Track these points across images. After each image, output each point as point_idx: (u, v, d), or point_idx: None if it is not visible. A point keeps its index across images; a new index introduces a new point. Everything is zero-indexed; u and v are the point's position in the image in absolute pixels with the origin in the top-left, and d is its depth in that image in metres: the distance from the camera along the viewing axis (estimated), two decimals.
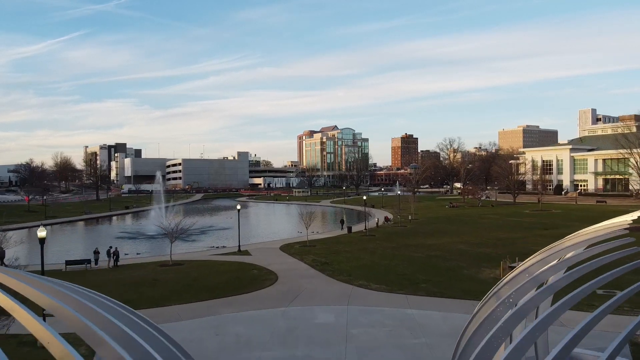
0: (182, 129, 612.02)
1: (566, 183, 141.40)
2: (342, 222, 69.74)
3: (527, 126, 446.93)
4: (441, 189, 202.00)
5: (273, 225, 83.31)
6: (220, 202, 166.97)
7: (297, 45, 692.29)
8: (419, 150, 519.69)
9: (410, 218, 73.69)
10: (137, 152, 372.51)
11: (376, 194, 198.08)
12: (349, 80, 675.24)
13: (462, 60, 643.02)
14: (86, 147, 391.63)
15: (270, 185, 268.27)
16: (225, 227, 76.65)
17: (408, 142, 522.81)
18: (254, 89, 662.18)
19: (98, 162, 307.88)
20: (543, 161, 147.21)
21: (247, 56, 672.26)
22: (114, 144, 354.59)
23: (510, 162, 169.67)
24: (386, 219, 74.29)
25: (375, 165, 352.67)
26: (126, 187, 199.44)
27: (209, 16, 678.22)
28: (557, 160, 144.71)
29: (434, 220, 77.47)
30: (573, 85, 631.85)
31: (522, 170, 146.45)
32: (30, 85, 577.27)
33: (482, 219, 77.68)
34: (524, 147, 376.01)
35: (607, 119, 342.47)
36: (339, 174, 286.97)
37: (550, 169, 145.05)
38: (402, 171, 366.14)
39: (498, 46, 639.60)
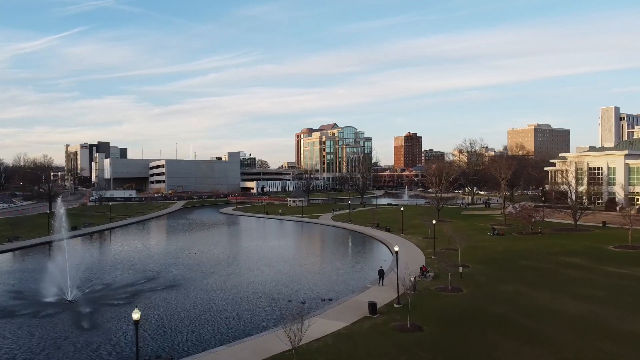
0: (181, 125, 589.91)
1: (620, 196, 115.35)
2: (381, 274, 44.42)
3: (538, 125, 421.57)
4: (458, 194, 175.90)
5: (250, 274, 57.07)
6: (201, 215, 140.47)
7: (298, 42, 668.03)
8: (422, 150, 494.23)
9: (461, 270, 47.50)
10: (123, 152, 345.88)
11: (385, 202, 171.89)
12: (350, 77, 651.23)
13: (464, 58, 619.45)
14: (67, 145, 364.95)
15: (264, 189, 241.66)
16: (176, 280, 50.24)
17: (411, 141, 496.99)
18: (253, 86, 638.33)
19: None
20: (589, 169, 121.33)
21: (248, 53, 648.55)
22: (96, 143, 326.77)
23: (545, 168, 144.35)
24: (423, 270, 48.27)
25: (376, 165, 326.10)
26: (95, 194, 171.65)
27: (209, 13, 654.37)
28: (609, 168, 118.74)
29: (493, 267, 51.51)
30: (573, 84, 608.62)
31: (560, 178, 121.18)
32: (30, 81, 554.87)
33: (562, 267, 51.72)
34: (535, 147, 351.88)
35: (631, 118, 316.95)
36: (340, 176, 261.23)
37: (600, 179, 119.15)
38: (406, 172, 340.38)
39: (500, 44, 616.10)
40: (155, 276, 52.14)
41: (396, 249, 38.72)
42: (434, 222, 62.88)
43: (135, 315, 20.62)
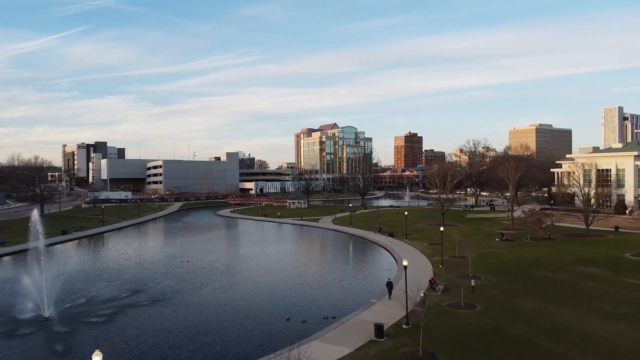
0: (181, 125, 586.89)
1: (629, 199, 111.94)
2: (389, 287, 41.52)
3: (540, 125, 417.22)
4: (461, 195, 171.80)
5: (245, 286, 53.58)
6: (198, 217, 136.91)
7: (298, 42, 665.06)
8: (423, 150, 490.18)
9: (472, 283, 43.96)
10: (120, 152, 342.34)
11: (386, 204, 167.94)
12: (350, 77, 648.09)
13: (464, 58, 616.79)
14: (64, 145, 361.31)
15: (263, 190, 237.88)
16: (164, 293, 46.62)
17: (412, 141, 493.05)
18: (253, 86, 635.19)
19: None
20: (598, 170, 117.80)
21: (248, 53, 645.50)
22: (93, 143, 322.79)
23: (552, 170, 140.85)
24: (432, 283, 44.71)
25: (377, 165, 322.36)
26: (90, 195, 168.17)
27: (209, 13, 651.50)
28: (618, 170, 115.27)
29: (506, 279, 47.91)
30: (574, 84, 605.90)
31: (568, 180, 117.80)
32: (30, 81, 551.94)
33: (580, 278, 48.18)
34: (536, 147, 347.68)
35: (635, 118, 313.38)
36: (340, 177, 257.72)
37: (608, 181, 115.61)
38: (407, 173, 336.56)
39: (500, 44, 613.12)
40: (143, 288, 48.49)
41: (405, 263, 35.08)
42: (441, 228, 59.22)
43: (96, 358, 17.02)
